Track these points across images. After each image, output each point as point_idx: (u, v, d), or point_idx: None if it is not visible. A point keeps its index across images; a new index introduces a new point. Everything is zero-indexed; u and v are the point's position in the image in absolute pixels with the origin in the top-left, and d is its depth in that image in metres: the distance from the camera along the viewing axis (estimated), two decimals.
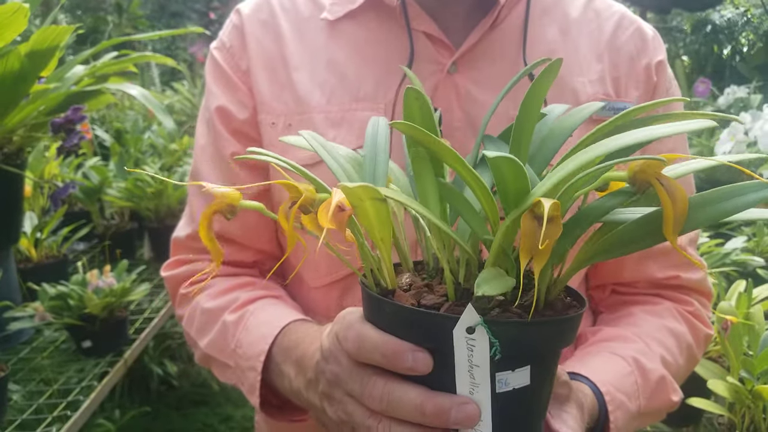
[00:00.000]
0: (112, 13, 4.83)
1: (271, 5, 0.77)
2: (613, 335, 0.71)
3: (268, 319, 0.68)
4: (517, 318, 0.42)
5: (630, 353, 0.67)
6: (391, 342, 0.43)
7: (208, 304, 0.74)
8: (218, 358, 0.72)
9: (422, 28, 0.70)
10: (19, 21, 0.90)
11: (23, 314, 1.12)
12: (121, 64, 1.25)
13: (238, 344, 0.69)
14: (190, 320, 0.76)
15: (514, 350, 0.41)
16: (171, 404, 2.28)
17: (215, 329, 0.72)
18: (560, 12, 0.75)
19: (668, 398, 0.70)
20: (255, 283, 0.76)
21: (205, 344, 0.74)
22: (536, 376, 0.44)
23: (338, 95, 0.71)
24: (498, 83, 0.69)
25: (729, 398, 0.86)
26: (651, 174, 0.38)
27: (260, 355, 0.65)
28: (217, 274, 0.77)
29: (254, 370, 0.65)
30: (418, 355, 0.42)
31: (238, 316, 0.71)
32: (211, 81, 0.77)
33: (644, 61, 0.75)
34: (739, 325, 0.88)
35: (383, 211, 0.42)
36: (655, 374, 0.67)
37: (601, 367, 0.65)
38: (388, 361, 0.43)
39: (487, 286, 0.38)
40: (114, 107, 2.60)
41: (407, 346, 0.43)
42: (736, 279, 1.20)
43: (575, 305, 0.46)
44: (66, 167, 1.71)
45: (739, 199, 0.37)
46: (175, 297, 0.80)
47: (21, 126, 1.13)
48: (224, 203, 0.45)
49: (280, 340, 0.65)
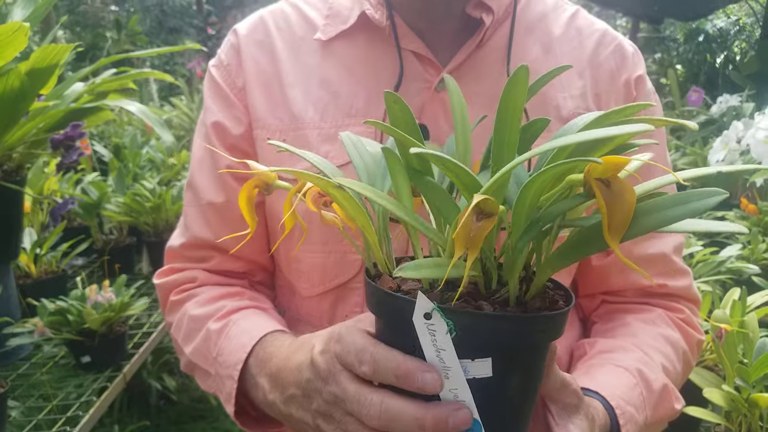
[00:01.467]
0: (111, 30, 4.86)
1: (266, 25, 0.79)
2: (613, 346, 0.72)
3: (248, 328, 0.70)
4: (472, 309, 0.44)
5: (633, 364, 0.68)
6: (405, 363, 0.45)
7: (196, 312, 0.75)
8: (201, 366, 0.74)
9: (411, 47, 0.73)
10: (20, 40, 0.91)
11: (23, 330, 1.12)
12: (120, 81, 1.27)
13: (219, 352, 0.70)
14: (178, 327, 0.78)
15: (471, 340, 0.44)
16: (170, 419, 2.27)
17: (199, 337, 0.74)
18: (543, 30, 0.77)
19: (671, 406, 0.71)
20: (243, 293, 0.78)
21: (189, 351, 0.75)
22: (503, 370, 0.45)
23: (331, 112, 0.73)
24: (483, 100, 0.72)
25: (725, 407, 0.86)
26: (589, 176, 0.38)
27: (237, 364, 0.66)
28: (208, 282, 0.79)
29: (231, 379, 0.67)
30: (426, 376, 0.44)
31: (222, 324, 0.72)
32: (209, 97, 0.80)
33: (624, 76, 0.77)
34: (734, 334, 0.88)
35: (350, 199, 0.46)
36: (658, 384, 0.68)
37: (608, 381, 0.66)
38: (400, 382, 0.46)
39: (411, 271, 0.41)
40: (112, 123, 2.62)
41: (419, 367, 0.45)
42: (732, 287, 1.20)
43: (553, 307, 0.47)
44: (65, 183, 1.72)
45: (684, 206, 0.37)
46: (165, 304, 0.82)
47: (21, 143, 1.14)
48: (261, 180, 0.50)
49: (257, 350, 0.66)
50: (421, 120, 0.72)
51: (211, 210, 0.78)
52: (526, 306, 0.46)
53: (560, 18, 0.79)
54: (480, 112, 0.74)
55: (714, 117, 2.72)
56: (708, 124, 2.72)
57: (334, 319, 0.75)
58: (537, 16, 0.78)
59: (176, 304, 0.79)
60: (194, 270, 0.80)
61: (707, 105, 3.05)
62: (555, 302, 0.48)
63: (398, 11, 0.73)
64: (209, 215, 0.78)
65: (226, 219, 0.78)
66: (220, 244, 0.78)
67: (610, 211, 0.37)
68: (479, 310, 0.44)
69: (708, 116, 2.77)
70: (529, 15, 0.77)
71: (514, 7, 0.74)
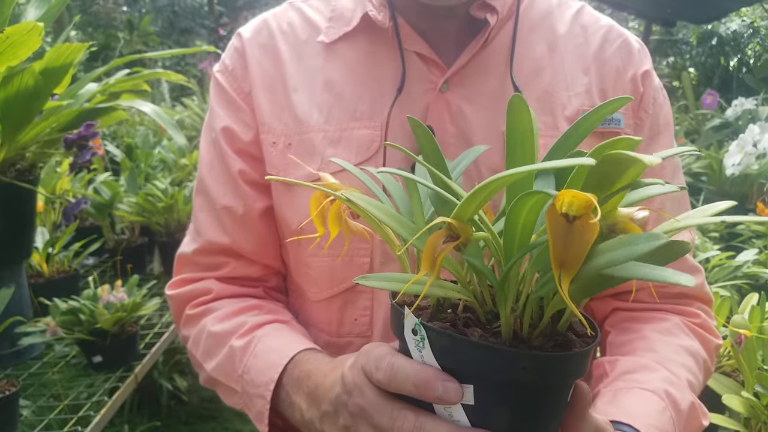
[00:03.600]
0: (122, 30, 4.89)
1: (270, 29, 0.79)
2: (636, 366, 0.70)
3: (277, 346, 0.69)
4: (454, 331, 0.44)
5: (660, 386, 0.66)
6: (423, 371, 0.44)
7: (215, 328, 0.74)
8: (225, 383, 0.73)
9: (414, 49, 0.72)
10: (34, 39, 0.92)
11: (35, 329, 1.12)
12: (134, 81, 1.27)
13: (246, 370, 0.69)
14: (196, 342, 0.77)
15: (450, 363, 0.44)
16: (180, 419, 2.27)
17: (222, 353, 0.73)
18: (548, 28, 0.77)
19: (699, 424, 0.69)
20: (262, 307, 0.77)
21: (211, 368, 0.74)
22: (487, 401, 0.44)
23: (336, 115, 0.73)
24: (487, 100, 0.72)
25: (744, 413, 0.85)
26: (553, 210, 0.36)
27: (269, 384, 0.65)
28: (223, 294, 0.78)
29: (263, 398, 0.66)
30: (448, 385, 0.43)
31: (246, 341, 0.71)
32: (215, 102, 0.79)
33: (630, 72, 0.76)
34: (753, 339, 0.87)
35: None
36: (686, 403, 0.67)
37: (638, 409, 0.63)
38: (419, 391, 0.44)
39: (372, 281, 0.44)
40: (124, 123, 2.63)
41: (438, 376, 0.44)
42: (748, 292, 1.19)
43: (564, 347, 0.44)
44: (77, 183, 1.72)
45: (628, 248, 0.37)
46: (180, 317, 0.80)
47: (34, 142, 1.14)
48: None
49: (290, 369, 0.65)
50: (427, 121, 0.72)
51: (225, 214, 0.77)
52: (530, 341, 0.44)
53: (565, 15, 0.78)
54: (485, 112, 0.74)
55: (729, 120, 2.69)
56: (723, 127, 2.69)
57: (343, 323, 0.74)
58: (541, 14, 0.77)
59: (193, 318, 0.78)
60: (208, 281, 0.79)
61: (722, 108, 3.02)
62: (569, 344, 0.45)
63: (401, 12, 0.73)
64: (224, 220, 0.77)
65: (241, 223, 0.77)
66: (238, 249, 0.77)
67: (563, 247, 0.36)
68: (460, 334, 0.43)
69: (723, 119, 2.74)
70: (533, 13, 0.77)
71: (518, 6, 0.74)
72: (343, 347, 0.74)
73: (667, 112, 0.79)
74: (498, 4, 0.71)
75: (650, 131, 0.76)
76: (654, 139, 0.77)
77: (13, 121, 1.04)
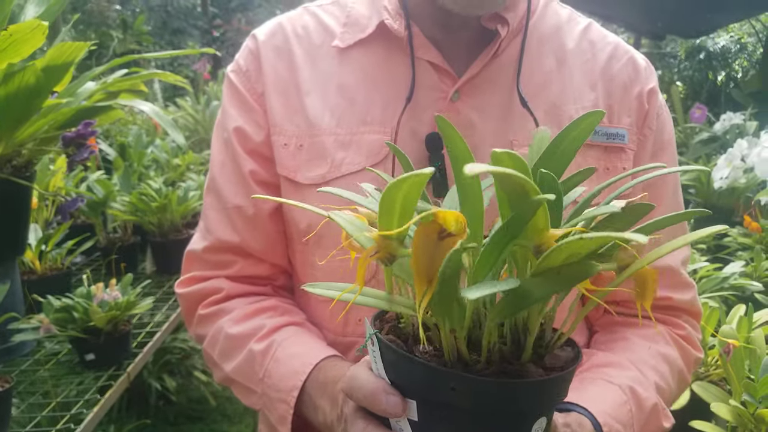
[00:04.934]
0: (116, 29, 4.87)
1: (285, 32, 0.80)
2: (608, 361, 0.73)
3: (298, 353, 0.70)
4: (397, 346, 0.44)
5: (626, 382, 0.69)
6: (372, 384, 0.46)
7: (233, 330, 0.75)
8: (243, 383, 0.74)
9: (427, 57, 0.74)
10: (37, 37, 0.92)
11: (28, 326, 1.12)
12: (132, 81, 1.27)
13: (267, 374, 0.71)
14: (212, 343, 0.78)
15: (394, 376, 0.45)
16: (168, 420, 2.26)
17: (241, 356, 0.74)
18: (557, 43, 0.78)
19: (660, 425, 0.71)
20: (277, 308, 0.78)
21: (230, 369, 0.75)
22: (430, 420, 0.44)
23: (347, 118, 0.74)
24: (496, 110, 0.73)
25: (731, 422, 0.86)
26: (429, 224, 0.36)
27: (293, 390, 0.67)
28: (234, 293, 0.79)
29: (285, 403, 0.68)
30: (390, 398, 0.45)
31: (265, 345, 0.72)
32: (228, 103, 0.80)
33: (637, 89, 0.78)
34: (741, 349, 0.89)
35: None
36: (649, 402, 0.69)
37: (598, 397, 0.66)
38: (368, 402, 0.46)
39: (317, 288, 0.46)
40: (117, 122, 2.62)
41: (384, 389, 0.45)
42: (735, 303, 1.21)
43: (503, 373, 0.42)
44: (70, 180, 1.72)
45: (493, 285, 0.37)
46: (192, 316, 0.81)
47: (31, 139, 1.14)
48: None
49: (315, 374, 0.67)
50: (436, 129, 0.73)
51: (236, 214, 0.78)
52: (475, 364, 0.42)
53: (574, 31, 0.80)
54: (493, 122, 0.75)
55: (717, 134, 2.73)
56: (711, 141, 2.73)
57: (348, 324, 0.75)
58: (551, 28, 0.79)
59: (207, 318, 0.79)
60: (218, 279, 0.79)
61: (710, 122, 3.07)
62: (523, 374, 0.42)
63: (416, 21, 0.74)
64: (235, 219, 0.78)
65: (251, 223, 0.78)
66: (247, 248, 0.78)
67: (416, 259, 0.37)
68: (404, 350, 0.43)
69: (711, 133, 2.78)
70: (543, 27, 0.78)
71: (527, 19, 0.75)
72: (348, 346, 0.75)
73: (670, 129, 0.81)
74: (509, 16, 0.73)
75: (653, 146, 0.78)
76: (657, 154, 0.79)
77: (12, 118, 1.04)
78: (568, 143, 0.42)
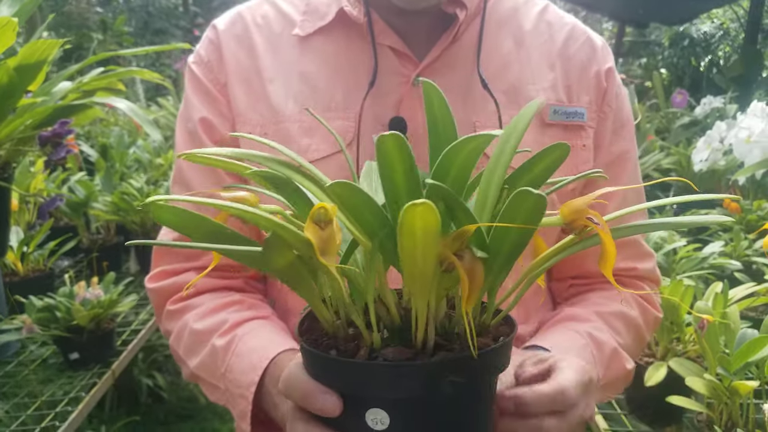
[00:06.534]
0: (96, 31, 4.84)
1: (245, 21, 0.80)
2: (570, 315, 0.76)
3: (258, 346, 0.70)
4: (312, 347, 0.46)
5: (584, 328, 0.72)
6: (307, 383, 0.46)
7: (197, 325, 0.75)
8: (208, 380, 0.74)
9: (387, 43, 0.75)
10: (8, 35, 0.92)
11: (10, 327, 1.12)
12: (108, 79, 1.27)
13: (228, 369, 0.70)
14: (178, 338, 0.77)
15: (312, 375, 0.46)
16: (158, 419, 2.26)
17: (204, 352, 0.73)
18: (515, 25, 0.79)
19: (623, 366, 0.74)
20: (242, 302, 0.77)
21: (194, 365, 0.75)
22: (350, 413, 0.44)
23: (311, 105, 0.75)
24: (456, 93, 0.74)
25: (707, 395, 0.88)
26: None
27: (251, 386, 0.67)
28: (205, 287, 0.78)
29: (244, 399, 0.67)
30: (326, 398, 0.44)
31: (227, 340, 0.72)
32: (191, 93, 0.80)
33: (594, 68, 0.79)
34: (716, 325, 0.90)
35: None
36: (608, 346, 0.72)
37: (559, 341, 0.69)
38: (304, 402, 0.46)
39: None
40: (99, 123, 2.60)
41: (319, 388, 0.45)
42: (714, 282, 1.22)
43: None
44: (51, 182, 1.71)
45: None
46: (161, 311, 0.81)
47: (8, 140, 1.13)
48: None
49: (272, 370, 0.66)
50: (400, 113, 0.74)
51: None
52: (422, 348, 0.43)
53: (531, 12, 0.81)
54: (453, 105, 0.75)
55: (698, 118, 2.75)
56: (692, 125, 2.75)
57: None
58: (508, 10, 0.80)
59: (174, 314, 0.78)
60: (188, 273, 0.79)
61: (691, 107, 3.09)
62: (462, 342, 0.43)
63: (375, 8, 0.75)
64: (204, 209, 0.78)
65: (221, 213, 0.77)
66: None
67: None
68: (315, 348, 0.45)
69: (692, 117, 2.80)
70: (501, 10, 0.80)
71: (485, 2, 0.76)
72: None
73: (628, 107, 0.84)
74: (467, 0, 0.74)
75: (614, 124, 0.80)
76: (618, 131, 0.81)
77: None
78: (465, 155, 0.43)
